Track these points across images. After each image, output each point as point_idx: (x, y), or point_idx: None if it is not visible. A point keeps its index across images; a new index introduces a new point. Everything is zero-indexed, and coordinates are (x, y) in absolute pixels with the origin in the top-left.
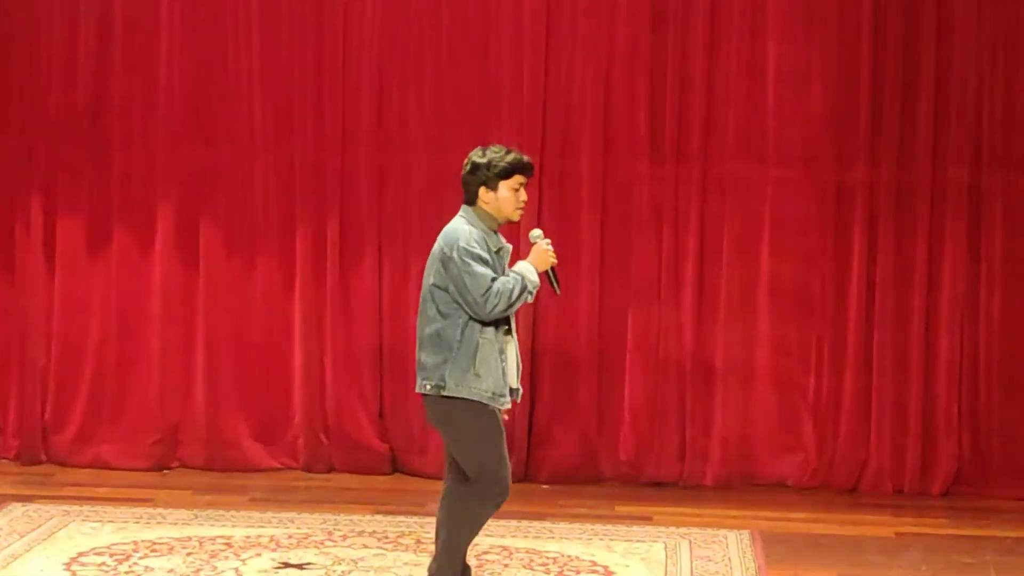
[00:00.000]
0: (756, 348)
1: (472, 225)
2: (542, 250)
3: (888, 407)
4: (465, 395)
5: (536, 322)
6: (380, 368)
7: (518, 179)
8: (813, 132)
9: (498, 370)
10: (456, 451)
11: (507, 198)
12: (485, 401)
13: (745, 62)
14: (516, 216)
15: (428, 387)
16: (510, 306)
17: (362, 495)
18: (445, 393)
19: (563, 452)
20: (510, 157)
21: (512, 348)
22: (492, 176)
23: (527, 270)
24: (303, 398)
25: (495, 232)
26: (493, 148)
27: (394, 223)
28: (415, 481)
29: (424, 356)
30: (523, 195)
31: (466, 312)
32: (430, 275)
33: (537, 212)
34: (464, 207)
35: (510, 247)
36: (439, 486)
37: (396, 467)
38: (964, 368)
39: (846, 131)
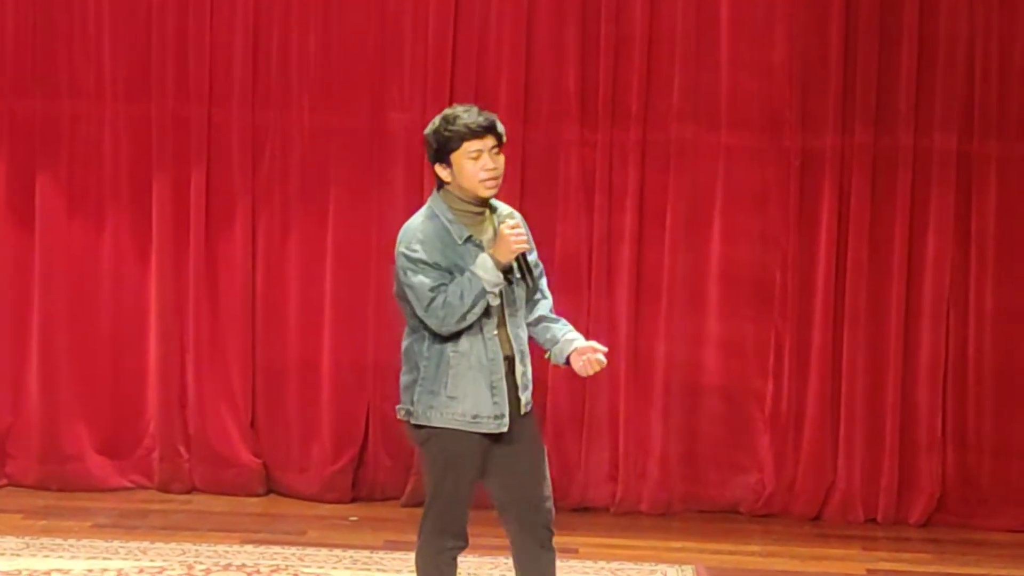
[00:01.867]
0: (703, 347)
1: (431, 216)
2: (503, 235)
3: (860, 419)
4: (437, 422)
5: None
6: (253, 365)
7: (472, 145)
8: (774, 91)
9: (479, 387)
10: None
11: (466, 171)
12: (463, 428)
13: (694, 6)
14: (484, 191)
15: (400, 412)
16: (463, 316)
17: (229, 521)
18: (414, 421)
19: None
20: (458, 121)
21: (497, 353)
22: (440, 149)
23: (483, 266)
24: (159, 402)
25: (476, 214)
26: (446, 111)
27: (271, 190)
28: (293, 504)
29: (401, 376)
30: (487, 162)
31: None
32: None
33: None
34: (433, 192)
35: (499, 230)
36: (322, 509)
37: (271, 487)
38: (950, 373)
39: (813, 90)
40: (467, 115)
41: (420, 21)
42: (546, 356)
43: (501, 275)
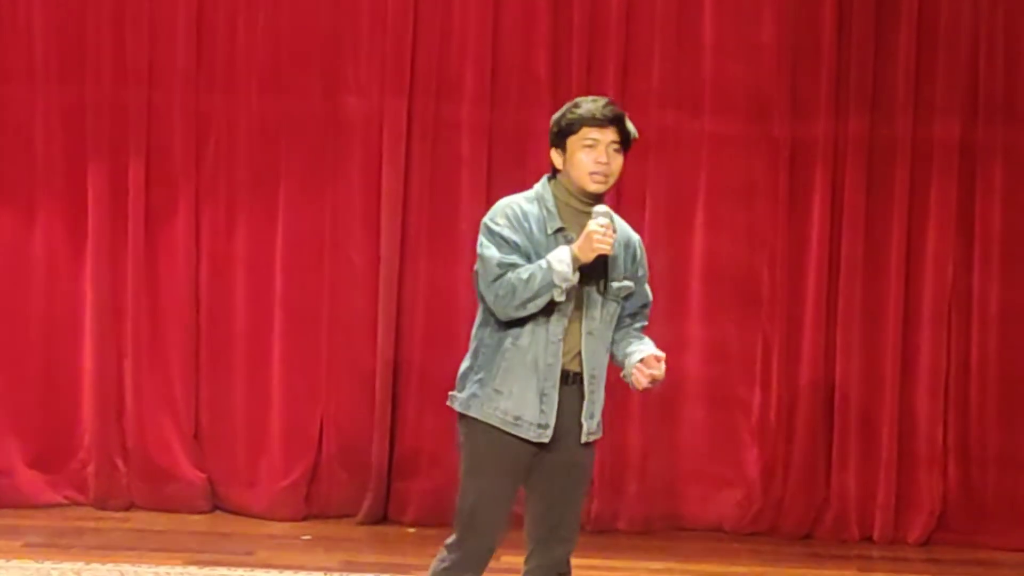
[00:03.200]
0: (686, 352)
1: (531, 199)
2: (588, 231)
3: (854, 430)
4: (475, 413)
5: (400, 315)
6: (196, 372)
7: (590, 133)
8: (761, 75)
9: (529, 388)
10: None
11: (576, 159)
12: (501, 427)
13: None
14: (591, 185)
15: (449, 399)
16: (524, 303)
17: (172, 540)
18: (458, 408)
19: (433, 485)
20: (583, 106)
21: (556, 359)
22: (560, 132)
23: (560, 259)
24: (94, 411)
25: (579, 211)
26: (577, 98)
27: (216, 181)
28: (240, 522)
29: (462, 361)
30: (601, 155)
31: None
32: None
33: (404, 172)
34: (543, 179)
35: (587, 225)
36: (272, 527)
37: (216, 503)
38: (952, 379)
39: (804, 73)
40: (594, 103)
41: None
42: (622, 376)
43: (574, 272)
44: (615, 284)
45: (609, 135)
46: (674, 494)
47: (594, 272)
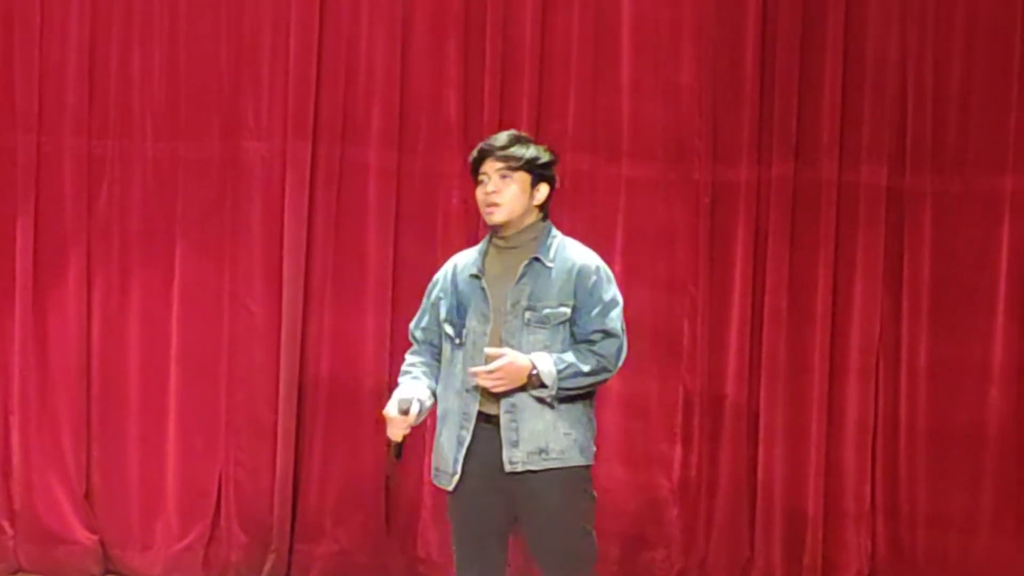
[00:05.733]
0: (601, 406)
1: (478, 247)
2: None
3: (779, 487)
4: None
5: (303, 363)
6: (87, 429)
7: (479, 171)
8: (681, 117)
9: (448, 439)
10: None
11: (477, 199)
12: (433, 481)
13: (591, 22)
14: (487, 218)
15: None
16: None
17: None
18: None
19: (338, 547)
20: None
21: (471, 407)
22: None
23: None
24: None
25: (503, 248)
26: None
27: (109, 230)
28: None
29: None
30: (489, 186)
31: None
32: None
33: (307, 218)
34: None
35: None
36: None
37: (108, 567)
38: (880, 434)
39: (725, 116)
40: (482, 142)
41: (280, 38)
42: None
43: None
44: (537, 309)
45: (493, 164)
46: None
47: (513, 300)
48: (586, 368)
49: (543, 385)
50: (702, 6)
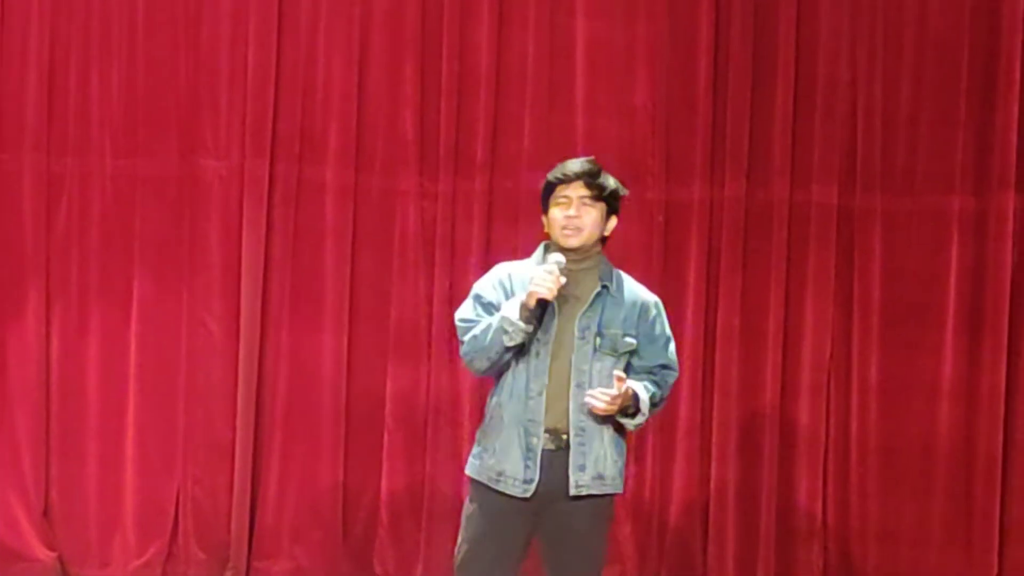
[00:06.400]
0: None
1: (527, 262)
2: (535, 276)
3: (731, 504)
4: (470, 472)
5: (261, 381)
6: (46, 446)
7: (559, 191)
8: (635, 136)
9: (511, 444)
10: None
11: (552, 218)
12: (488, 483)
13: (546, 42)
14: (564, 240)
15: None
16: (482, 354)
17: None
18: (466, 469)
19: (295, 564)
20: (558, 167)
21: (537, 415)
22: (543, 197)
23: (510, 305)
24: None
25: (568, 270)
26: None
27: (68, 247)
28: None
29: None
30: (571, 211)
31: None
32: None
33: (265, 236)
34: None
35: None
36: None
37: None
38: (831, 452)
39: (678, 136)
40: (568, 162)
41: (238, 57)
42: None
43: (523, 317)
44: (607, 337)
45: (578, 190)
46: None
47: (583, 325)
48: (659, 399)
49: (636, 412)
50: (656, 28)
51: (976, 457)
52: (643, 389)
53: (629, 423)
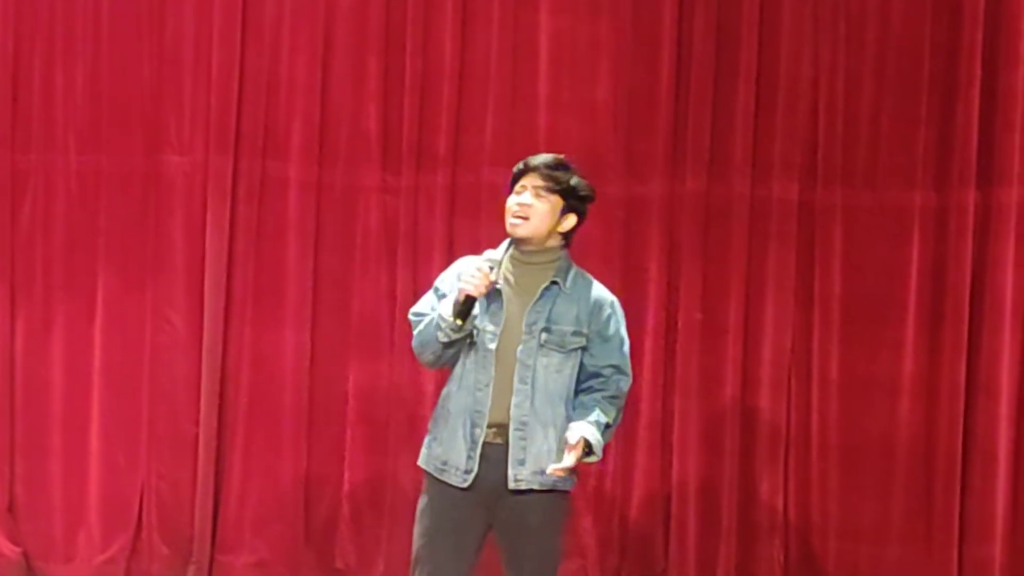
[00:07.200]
0: None
1: (497, 248)
2: (463, 273)
3: (693, 499)
4: (421, 463)
5: (224, 377)
6: (11, 444)
7: (519, 181)
8: (597, 132)
9: (456, 434)
10: None
11: (507, 207)
12: (435, 473)
13: (509, 39)
14: (511, 228)
15: None
16: (423, 346)
17: None
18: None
19: (257, 558)
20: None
21: (483, 406)
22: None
23: (447, 301)
24: None
25: (525, 263)
26: None
27: (32, 243)
28: None
29: None
30: (523, 198)
31: None
32: None
33: (229, 232)
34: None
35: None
36: None
37: None
38: (792, 447)
39: (640, 132)
40: (538, 155)
41: (202, 52)
42: None
43: (454, 314)
44: (555, 332)
45: (534, 179)
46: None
47: (531, 320)
48: (613, 419)
49: (589, 453)
50: (618, 24)
51: (936, 453)
52: (594, 428)
53: (585, 460)
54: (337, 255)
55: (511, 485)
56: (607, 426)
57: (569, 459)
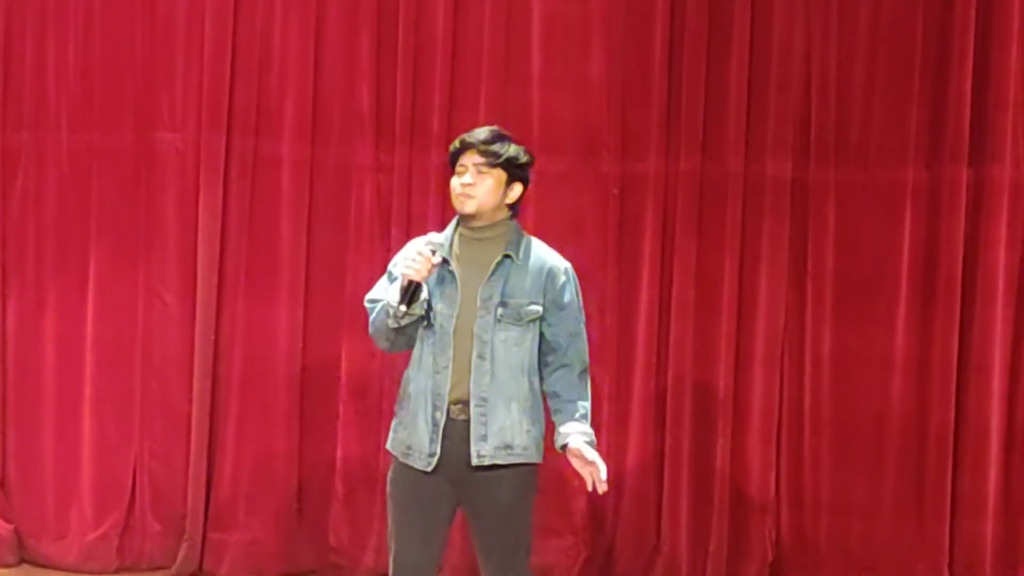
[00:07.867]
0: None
1: (446, 232)
2: (404, 259)
3: (686, 475)
4: (388, 447)
5: (217, 354)
6: (3, 418)
7: (459, 160)
8: (591, 110)
9: (418, 419)
10: None
11: (451, 187)
12: (400, 458)
13: (503, 16)
14: (458, 206)
15: None
16: (377, 333)
17: None
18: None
19: (250, 535)
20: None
21: (443, 389)
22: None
23: (394, 285)
24: None
25: (474, 239)
26: None
27: (24, 221)
28: (49, 575)
29: None
30: (465, 177)
31: None
32: None
33: (222, 209)
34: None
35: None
36: None
37: (23, 556)
38: (785, 423)
39: (634, 109)
40: (473, 131)
41: (194, 30)
42: (556, 447)
43: (401, 299)
44: (510, 306)
45: (473, 157)
46: None
47: (485, 296)
48: (588, 399)
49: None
50: (611, 1)
51: (928, 429)
52: (585, 424)
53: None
54: (330, 233)
55: (474, 461)
56: (588, 409)
57: (599, 463)
